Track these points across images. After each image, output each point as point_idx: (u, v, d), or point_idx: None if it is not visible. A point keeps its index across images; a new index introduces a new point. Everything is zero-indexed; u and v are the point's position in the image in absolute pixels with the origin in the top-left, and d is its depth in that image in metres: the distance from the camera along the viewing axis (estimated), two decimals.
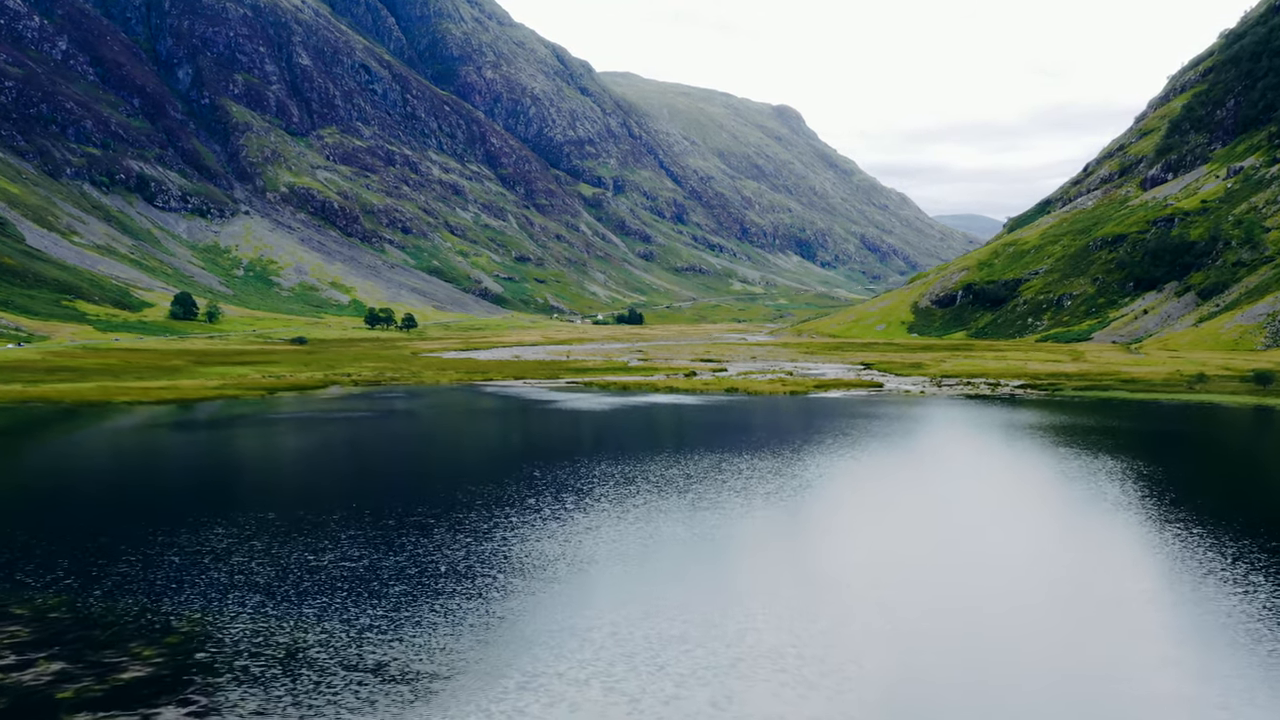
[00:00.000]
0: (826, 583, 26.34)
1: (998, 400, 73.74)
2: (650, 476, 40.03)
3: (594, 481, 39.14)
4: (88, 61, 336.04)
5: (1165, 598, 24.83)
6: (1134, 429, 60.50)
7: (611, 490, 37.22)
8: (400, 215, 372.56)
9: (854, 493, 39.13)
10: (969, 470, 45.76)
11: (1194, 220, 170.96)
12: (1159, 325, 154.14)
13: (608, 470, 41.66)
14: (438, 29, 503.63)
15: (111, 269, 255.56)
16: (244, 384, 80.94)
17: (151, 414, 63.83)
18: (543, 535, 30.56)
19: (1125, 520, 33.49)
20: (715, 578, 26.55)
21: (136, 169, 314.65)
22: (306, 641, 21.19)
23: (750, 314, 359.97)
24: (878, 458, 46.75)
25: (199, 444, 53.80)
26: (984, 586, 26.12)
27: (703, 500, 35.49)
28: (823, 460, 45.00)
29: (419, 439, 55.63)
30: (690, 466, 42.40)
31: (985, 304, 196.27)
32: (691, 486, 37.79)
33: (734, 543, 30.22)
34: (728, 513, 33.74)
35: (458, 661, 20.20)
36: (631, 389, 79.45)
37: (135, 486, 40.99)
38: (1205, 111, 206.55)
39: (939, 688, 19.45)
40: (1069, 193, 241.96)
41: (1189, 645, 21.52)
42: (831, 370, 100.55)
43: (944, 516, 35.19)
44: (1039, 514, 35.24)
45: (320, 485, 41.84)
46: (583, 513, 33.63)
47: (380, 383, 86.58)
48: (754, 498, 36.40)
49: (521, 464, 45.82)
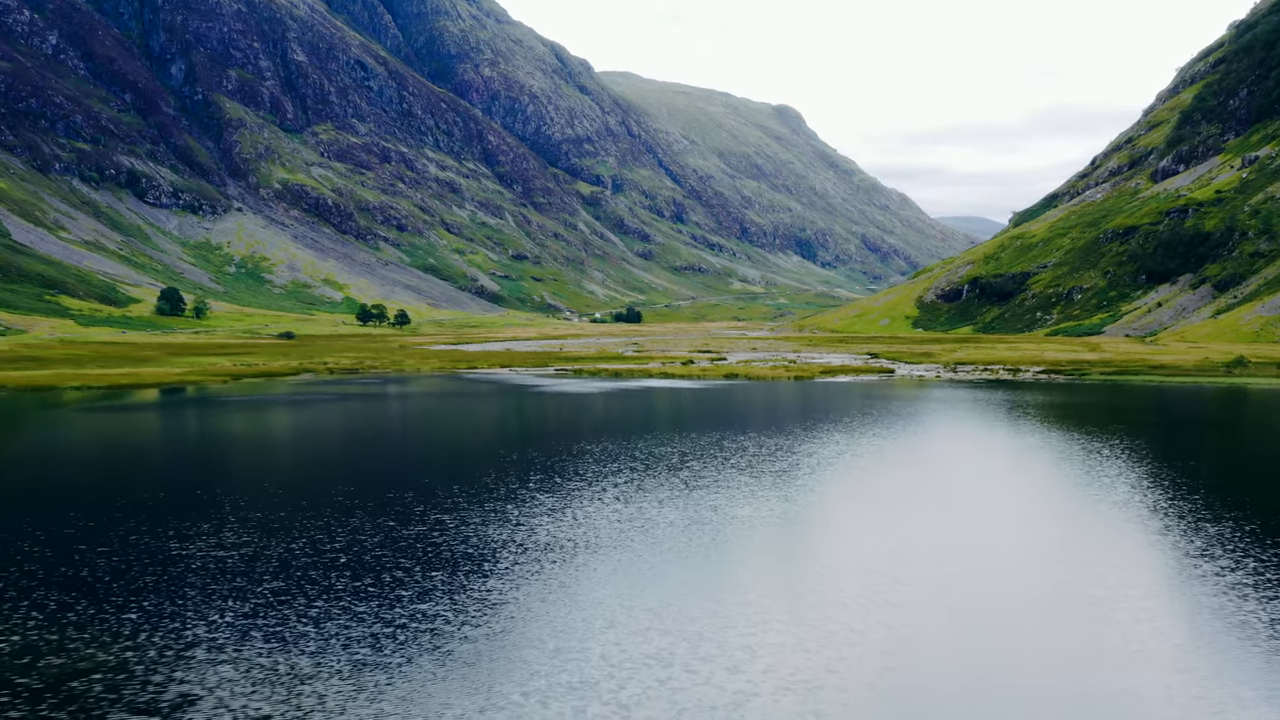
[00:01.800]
0: (848, 576, 21.09)
1: (1021, 385, 68.30)
2: (636, 455, 34.86)
3: (571, 461, 33.97)
4: (79, 56, 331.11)
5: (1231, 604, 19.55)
6: (1185, 412, 55.19)
7: (591, 469, 32.08)
8: (396, 213, 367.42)
9: (878, 475, 33.86)
10: (1005, 452, 40.46)
11: (1208, 211, 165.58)
12: (1174, 318, 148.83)
13: (588, 450, 36.45)
14: (435, 26, 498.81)
15: (99, 265, 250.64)
16: (210, 371, 75.79)
17: (93, 397, 58.63)
18: (491, 520, 25.36)
19: (1189, 509, 28.24)
20: (708, 573, 21.30)
21: (127, 165, 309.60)
22: (163, 657, 15.97)
23: (750, 313, 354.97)
24: (901, 437, 41.55)
25: (128, 425, 48.51)
26: (1030, 584, 20.93)
27: (699, 480, 30.29)
28: (842, 440, 39.73)
29: (381, 420, 50.28)
30: (684, 445, 37.19)
31: (992, 298, 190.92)
32: (686, 464, 32.63)
33: (736, 531, 24.95)
34: (730, 495, 28.52)
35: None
36: (624, 375, 74.13)
37: (27, 466, 35.78)
38: (1217, 102, 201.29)
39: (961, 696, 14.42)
40: (1076, 186, 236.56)
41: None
42: (837, 359, 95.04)
43: (979, 503, 29.96)
44: (1085, 502, 29.94)
45: (237, 467, 36.54)
46: (550, 494, 28.45)
47: (358, 370, 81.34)
48: (762, 477, 31.19)
49: (488, 445, 40.62)
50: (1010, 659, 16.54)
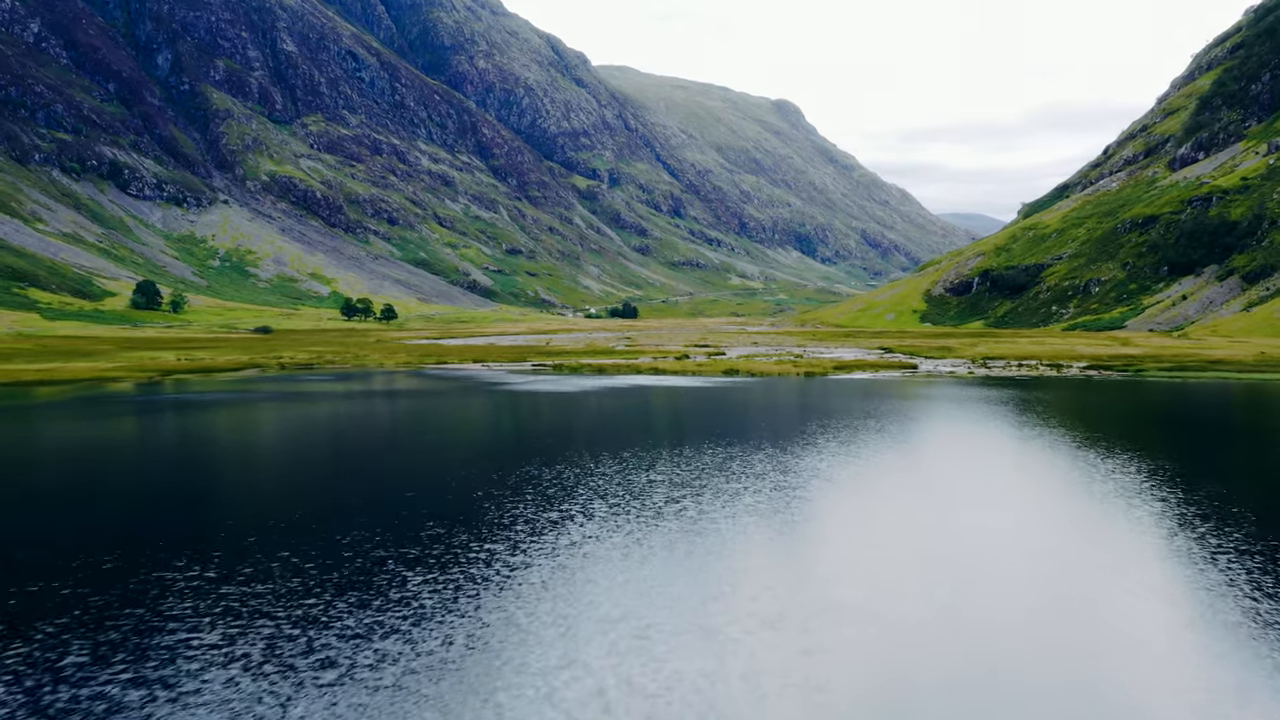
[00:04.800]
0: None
1: (1071, 384, 59.29)
2: (589, 485, 26.44)
3: (522, 479, 25.57)
4: (61, 45, 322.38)
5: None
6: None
7: (558, 488, 23.72)
8: (386, 206, 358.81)
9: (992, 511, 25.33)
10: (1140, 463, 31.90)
11: (1234, 199, 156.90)
12: (1200, 312, 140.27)
13: (554, 465, 28.01)
14: (429, 17, 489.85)
15: (76, 257, 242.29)
16: (146, 367, 67.36)
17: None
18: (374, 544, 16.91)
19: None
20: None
21: (110, 155, 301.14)
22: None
23: (749, 308, 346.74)
24: (1003, 454, 33.07)
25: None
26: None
27: (684, 527, 21.84)
28: (908, 460, 31.23)
29: (282, 425, 41.48)
30: (664, 463, 28.76)
31: (1004, 291, 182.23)
32: (659, 492, 24.31)
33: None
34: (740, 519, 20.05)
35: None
36: (608, 371, 65.48)
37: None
38: (1239, 87, 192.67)
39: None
40: (1088, 176, 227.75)
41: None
42: (849, 353, 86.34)
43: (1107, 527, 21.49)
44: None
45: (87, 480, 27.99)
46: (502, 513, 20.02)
47: (313, 366, 72.78)
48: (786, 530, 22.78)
49: (411, 457, 32.17)
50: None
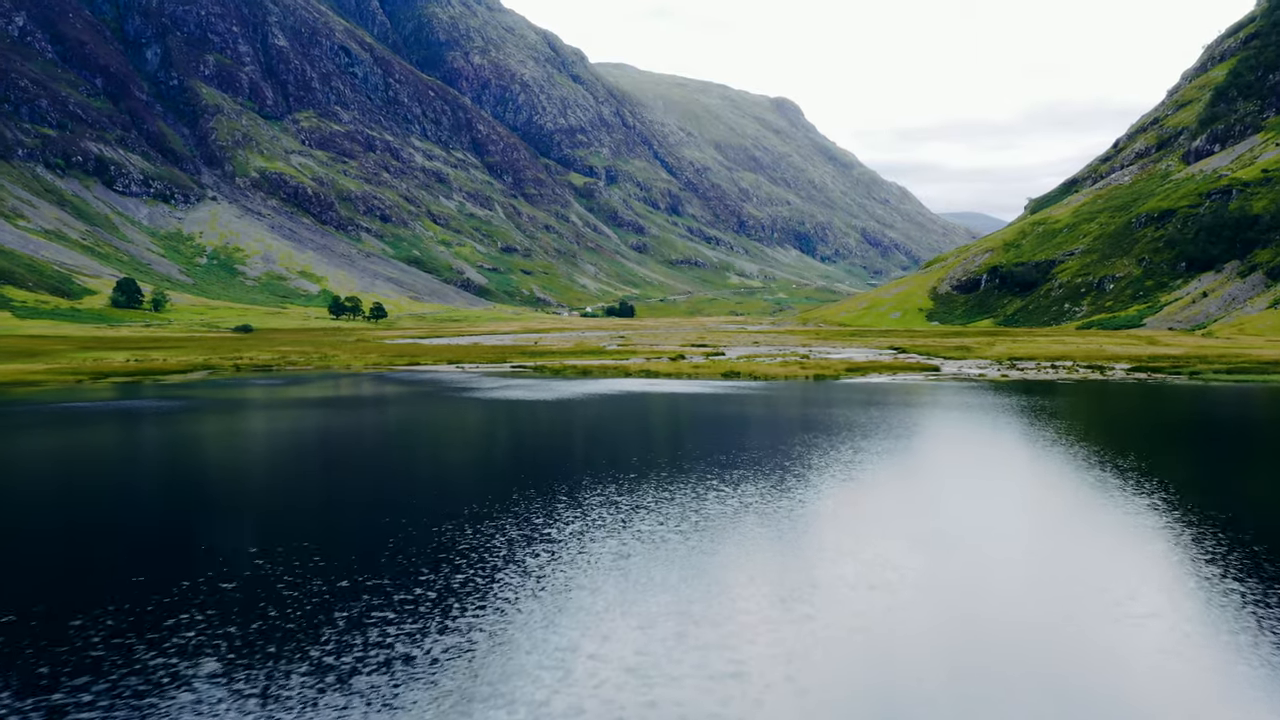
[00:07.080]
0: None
1: (1131, 389, 52.01)
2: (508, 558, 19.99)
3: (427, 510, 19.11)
4: (47, 39, 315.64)
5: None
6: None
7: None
8: (379, 203, 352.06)
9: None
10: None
11: (1255, 192, 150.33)
12: (1223, 309, 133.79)
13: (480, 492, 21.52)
14: (424, 13, 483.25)
15: (57, 255, 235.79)
16: (79, 369, 60.85)
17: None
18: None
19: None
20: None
21: (96, 151, 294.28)
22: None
23: (748, 307, 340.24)
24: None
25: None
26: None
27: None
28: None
29: (207, 438, 34.96)
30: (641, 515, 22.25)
31: (1013, 288, 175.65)
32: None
33: None
34: None
35: None
36: (594, 373, 58.89)
37: None
38: (1255, 77, 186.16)
39: None
40: (1097, 170, 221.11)
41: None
42: (859, 354, 79.72)
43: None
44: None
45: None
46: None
47: (272, 367, 66.24)
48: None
49: (310, 478, 25.62)
50: None
